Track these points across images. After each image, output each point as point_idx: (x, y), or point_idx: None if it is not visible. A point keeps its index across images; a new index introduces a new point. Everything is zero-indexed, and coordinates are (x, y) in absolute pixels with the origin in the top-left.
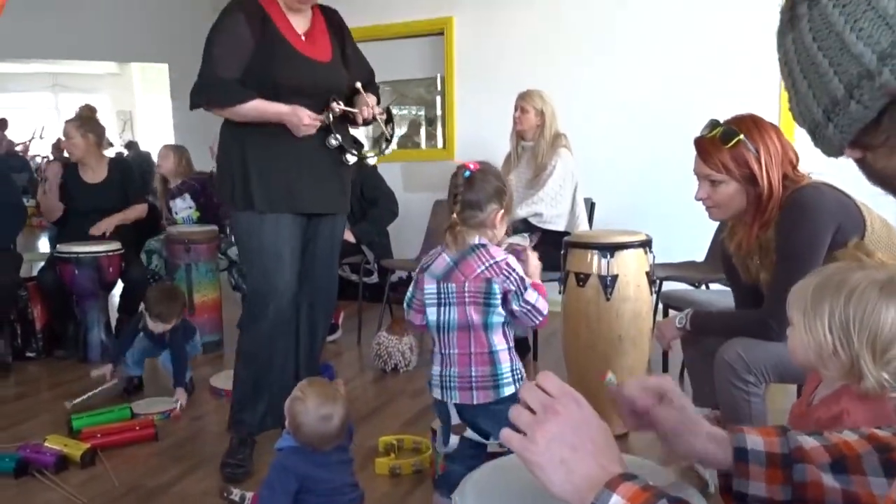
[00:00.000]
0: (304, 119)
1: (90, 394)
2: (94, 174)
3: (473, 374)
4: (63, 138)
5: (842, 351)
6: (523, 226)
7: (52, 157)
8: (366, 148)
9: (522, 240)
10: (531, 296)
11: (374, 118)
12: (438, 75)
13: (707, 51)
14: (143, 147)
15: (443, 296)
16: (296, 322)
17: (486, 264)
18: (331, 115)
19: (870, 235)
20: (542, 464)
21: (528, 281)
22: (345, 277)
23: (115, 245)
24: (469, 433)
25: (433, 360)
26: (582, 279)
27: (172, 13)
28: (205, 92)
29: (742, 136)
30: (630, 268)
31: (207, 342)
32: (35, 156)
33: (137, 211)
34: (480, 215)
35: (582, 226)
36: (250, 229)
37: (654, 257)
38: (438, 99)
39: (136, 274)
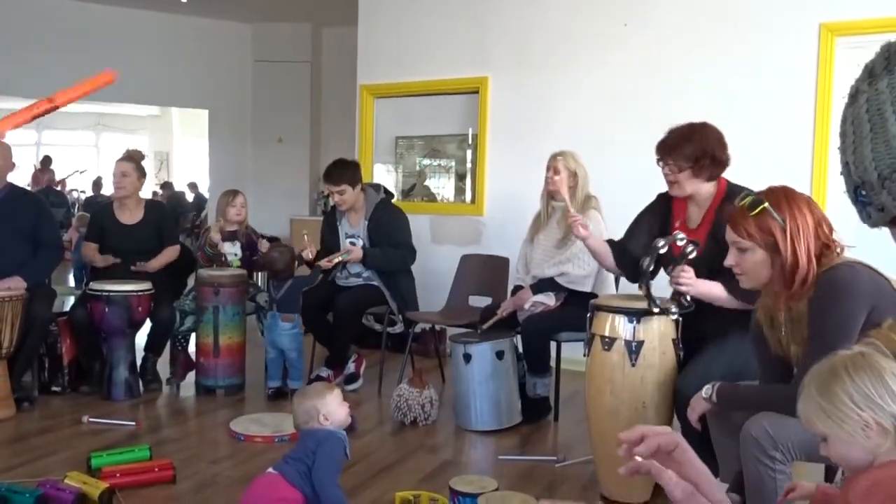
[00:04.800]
0: None
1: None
2: (132, 215)
3: None
4: (113, 176)
5: (884, 419)
6: (549, 285)
7: (88, 193)
8: None
9: (547, 298)
10: None
11: None
12: (471, 131)
13: (741, 120)
14: (177, 187)
15: None
16: None
17: None
18: None
19: None
20: None
21: None
22: (368, 326)
23: (147, 285)
24: None
25: None
26: (607, 343)
27: (214, 62)
28: None
29: (767, 205)
30: (656, 334)
31: (229, 385)
32: (72, 190)
33: (171, 254)
34: None
35: (608, 288)
36: None
37: (680, 324)
38: (469, 154)
39: (165, 314)
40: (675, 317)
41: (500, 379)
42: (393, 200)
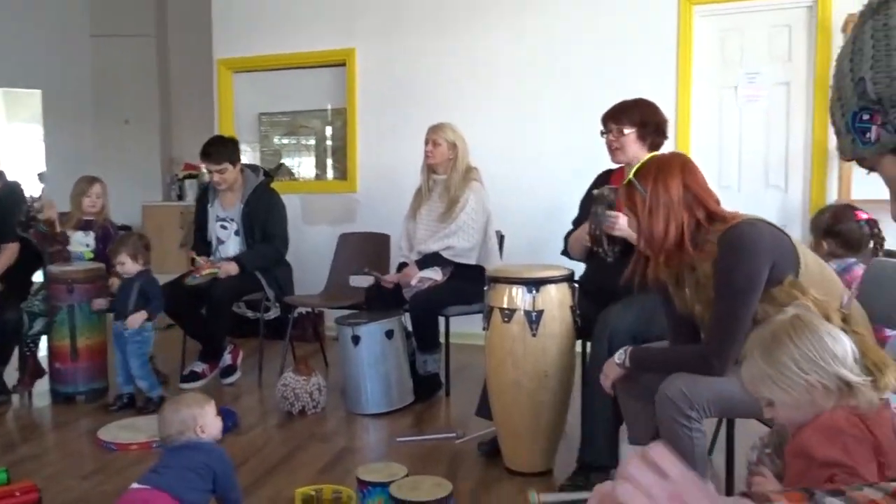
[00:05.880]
0: None
1: None
2: None
3: None
4: None
5: (826, 379)
6: (435, 260)
7: None
8: None
9: (434, 273)
10: None
11: None
12: (334, 107)
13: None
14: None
15: None
16: None
17: None
18: None
19: (803, 273)
20: None
21: None
22: (240, 314)
23: None
24: None
25: None
26: (507, 315)
27: (46, 37)
28: None
29: (632, 177)
30: (555, 302)
31: (91, 390)
32: None
33: (9, 254)
34: None
35: (494, 259)
36: None
37: (577, 291)
38: (330, 131)
39: (10, 318)
40: (610, 259)
41: (391, 359)
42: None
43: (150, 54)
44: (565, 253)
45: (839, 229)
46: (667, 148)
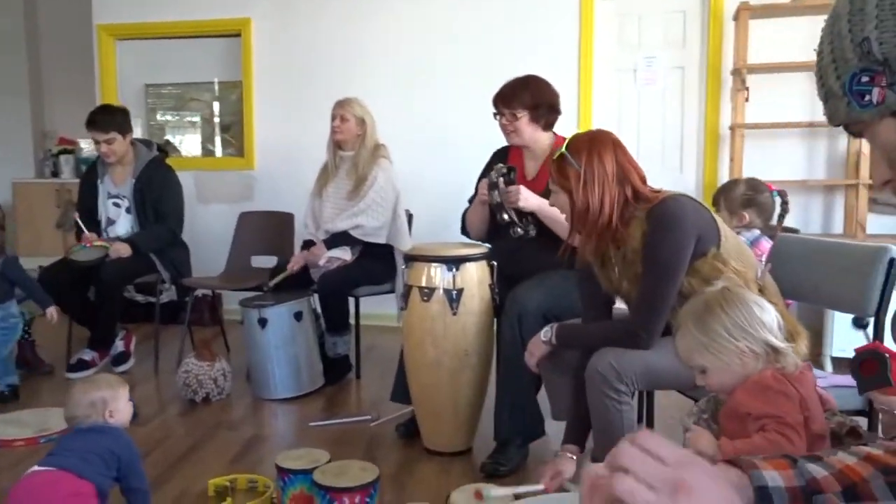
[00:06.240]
0: None
1: None
2: None
3: None
4: None
5: (755, 345)
6: (343, 239)
7: None
8: None
9: (343, 253)
10: None
11: None
12: (228, 80)
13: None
14: None
15: None
16: None
17: None
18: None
19: (724, 245)
20: None
21: None
22: (128, 298)
23: None
24: None
25: None
26: (426, 294)
27: None
28: None
29: (565, 150)
30: (474, 280)
31: None
32: None
33: None
34: None
35: (404, 238)
36: None
37: (496, 269)
38: (234, 105)
39: None
40: (520, 233)
41: (300, 341)
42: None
43: (16, 16)
44: (465, 232)
45: (759, 200)
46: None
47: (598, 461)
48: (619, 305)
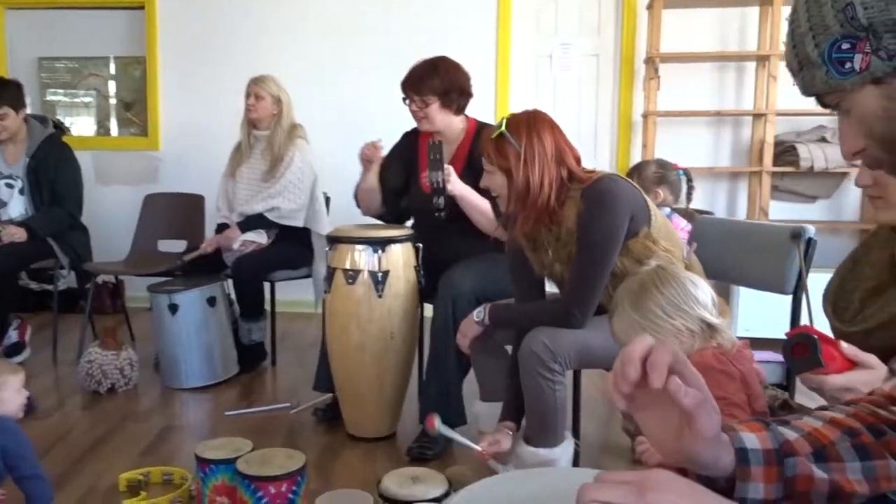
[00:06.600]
0: None
1: None
2: None
3: None
4: None
5: (691, 323)
6: (259, 222)
7: None
8: None
9: (258, 236)
10: None
11: None
12: (131, 55)
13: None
14: None
15: None
16: None
17: None
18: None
19: (654, 225)
20: None
21: None
22: (21, 286)
23: None
24: None
25: None
26: (351, 276)
27: None
28: None
29: (504, 130)
30: (400, 262)
31: None
32: None
33: None
34: None
35: (322, 221)
36: None
37: (421, 251)
38: (137, 82)
39: None
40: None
41: (213, 328)
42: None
43: None
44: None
45: (669, 178)
46: (487, 113)
47: (531, 441)
48: (551, 289)
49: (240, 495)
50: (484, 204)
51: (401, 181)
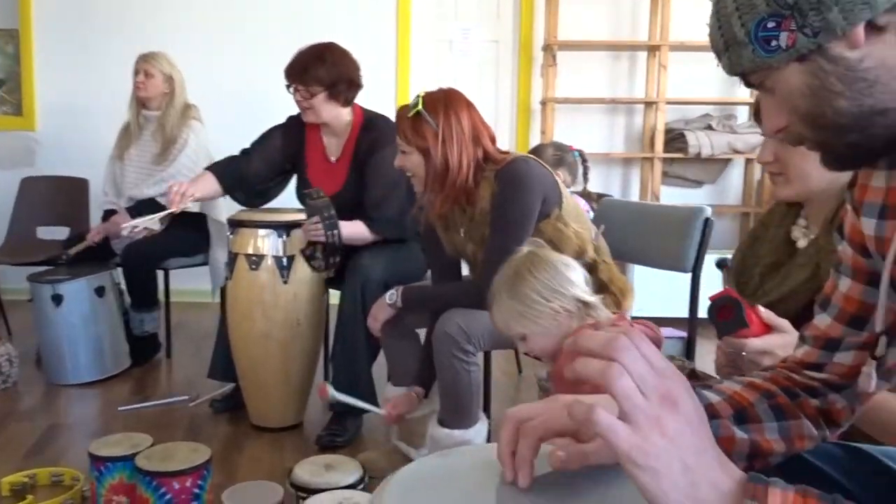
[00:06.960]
0: None
1: None
2: None
3: None
4: None
5: (567, 304)
6: (151, 207)
7: None
8: None
9: (150, 222)
10: None
11: None
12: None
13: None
14: None
15: None
16: None
17: None
18: None
19: (565, 207)
20: (659, 469)
21: None
22: None
23: None
24: None
25: None
26: (254, 262)
27: None
28: None
29: (421, 108)
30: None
31: None
32: None
33: None
34: None
35: (218, 206)
36: None
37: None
38: (9, 58)
39: None
40: (326, 273)
41: (102, 320)
42: None
43: None
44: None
45: (567, 160)
46: (387, 97)
47: (445, 424)
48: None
49: (140, 493)
50: (361, 230)
51: (276, 171)
